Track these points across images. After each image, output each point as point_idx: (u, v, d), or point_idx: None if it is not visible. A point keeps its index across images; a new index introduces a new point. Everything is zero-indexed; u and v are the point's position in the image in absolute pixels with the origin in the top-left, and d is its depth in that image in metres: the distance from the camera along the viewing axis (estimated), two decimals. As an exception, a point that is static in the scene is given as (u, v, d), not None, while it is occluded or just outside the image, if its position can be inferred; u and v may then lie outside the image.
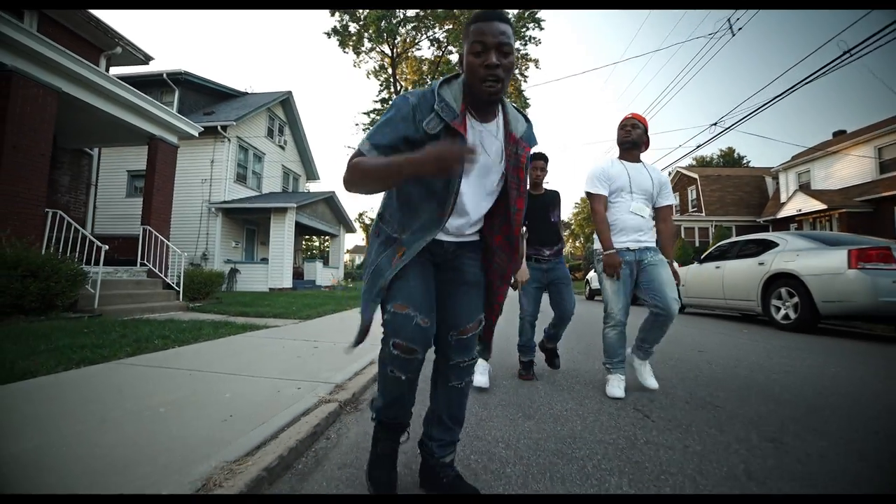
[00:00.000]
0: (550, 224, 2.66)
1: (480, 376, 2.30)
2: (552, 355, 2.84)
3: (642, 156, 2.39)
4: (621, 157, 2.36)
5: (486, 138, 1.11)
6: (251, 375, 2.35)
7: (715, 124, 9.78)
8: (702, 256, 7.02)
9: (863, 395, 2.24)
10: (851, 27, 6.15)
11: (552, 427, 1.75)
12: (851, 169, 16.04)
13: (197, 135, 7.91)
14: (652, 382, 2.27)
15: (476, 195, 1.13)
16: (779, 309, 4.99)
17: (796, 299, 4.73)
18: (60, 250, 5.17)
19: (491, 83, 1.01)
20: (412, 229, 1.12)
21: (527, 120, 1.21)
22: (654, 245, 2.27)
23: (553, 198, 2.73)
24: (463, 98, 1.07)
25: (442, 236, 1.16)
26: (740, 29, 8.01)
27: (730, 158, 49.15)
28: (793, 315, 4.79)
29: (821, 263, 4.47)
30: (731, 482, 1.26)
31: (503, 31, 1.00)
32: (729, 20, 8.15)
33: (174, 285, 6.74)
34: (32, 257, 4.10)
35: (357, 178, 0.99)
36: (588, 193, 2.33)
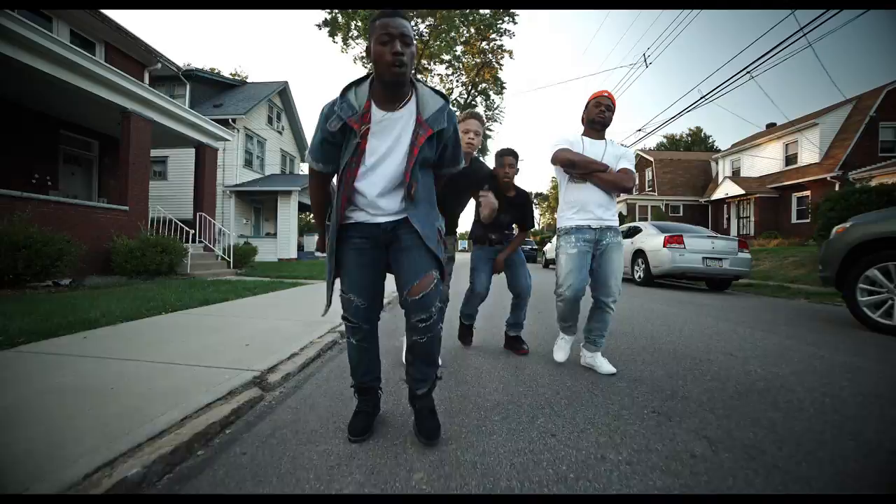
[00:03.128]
0: (506, 224, 2.69)
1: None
2: (518, 342, 2.73)
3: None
4: (586, 133, 2.28)
5: (389, 126, 1.30)
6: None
7: (640, 130, 12.38)
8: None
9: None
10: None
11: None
12: (768, 160, 19.05)
13: (230, 139, 10.09)
14: (608, 368, 2.21)
15: (382, 174, 1.32)
16: (636, 272, 7.84)
17: (644, 266, 7.57)
18: (157, 232, 7.55)
19: (398, 67, 1.19)
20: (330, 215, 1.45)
21: (444, 98, 1.35)
22: (615, 224, 2.24)
23: (520, 204, 2.66)
24: (370, 93, 1.29)
25: (379, 217, 1.37)
26: (651, 62, 10.53)
27: (697, 138, 52.55)
28: (642, 276, 7.65)
29: (654, 243, 7.28)
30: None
31: (404, 25, 1.20)
32: (644, 54, 10.64)
33: (225, 256, 9.17)
34: (163, 239, 6.51)
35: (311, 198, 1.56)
36: (555, 156, 2.24)
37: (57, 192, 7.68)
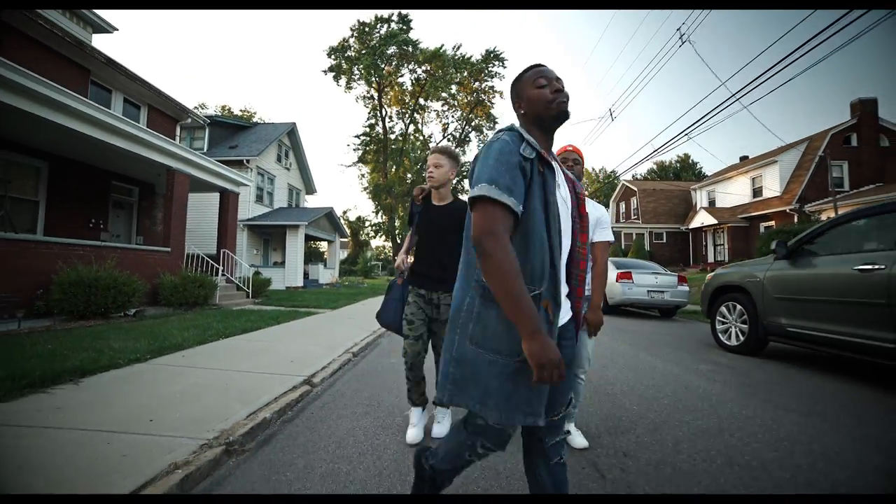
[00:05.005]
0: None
1: (416, 428, 2.29)
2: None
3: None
4: None
5: (560, 173, 1.17)
6: (340, 329, 6.24)
7: (613, 171, 13.92)
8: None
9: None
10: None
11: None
12: (739, 193, 20.67)
13: (249, 184, 11.58)
14: (581, 441, 2.21)
15: (564, 233, 1.11)
16: (600, 301, 9.17)
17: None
18: (189, 266, 8.89)
19: (562, 101, 1.13)
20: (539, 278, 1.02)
21: None
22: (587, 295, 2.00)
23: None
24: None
25: (564, 317, 1.13)
26: (615, 118, 12.16)
27: (685, 164, 55.02)
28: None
29: (609, 278, 8.62)
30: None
31: (553, 71, 1.17)
32: (610, 110, 12.28)
33: (244, 287, 10.49)
34: (199, 276, 7.85)
35: (490, 266, 0.92)
36: None
37: (107, 233, 9.07)
